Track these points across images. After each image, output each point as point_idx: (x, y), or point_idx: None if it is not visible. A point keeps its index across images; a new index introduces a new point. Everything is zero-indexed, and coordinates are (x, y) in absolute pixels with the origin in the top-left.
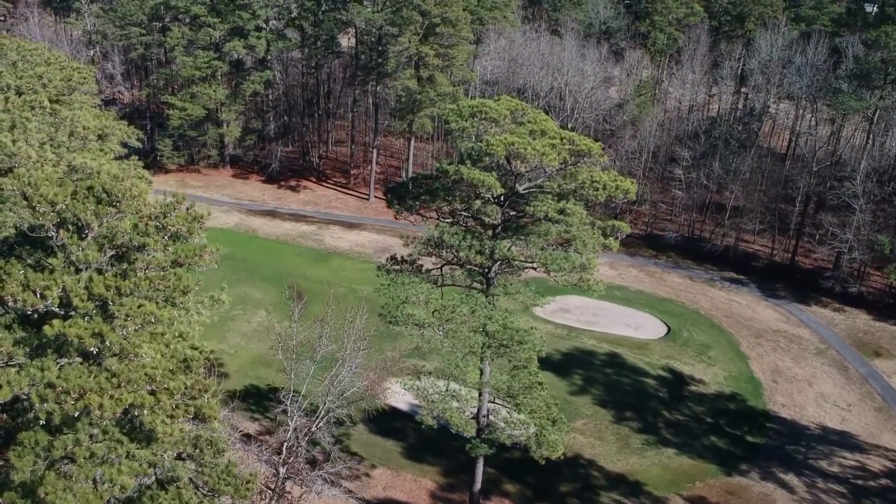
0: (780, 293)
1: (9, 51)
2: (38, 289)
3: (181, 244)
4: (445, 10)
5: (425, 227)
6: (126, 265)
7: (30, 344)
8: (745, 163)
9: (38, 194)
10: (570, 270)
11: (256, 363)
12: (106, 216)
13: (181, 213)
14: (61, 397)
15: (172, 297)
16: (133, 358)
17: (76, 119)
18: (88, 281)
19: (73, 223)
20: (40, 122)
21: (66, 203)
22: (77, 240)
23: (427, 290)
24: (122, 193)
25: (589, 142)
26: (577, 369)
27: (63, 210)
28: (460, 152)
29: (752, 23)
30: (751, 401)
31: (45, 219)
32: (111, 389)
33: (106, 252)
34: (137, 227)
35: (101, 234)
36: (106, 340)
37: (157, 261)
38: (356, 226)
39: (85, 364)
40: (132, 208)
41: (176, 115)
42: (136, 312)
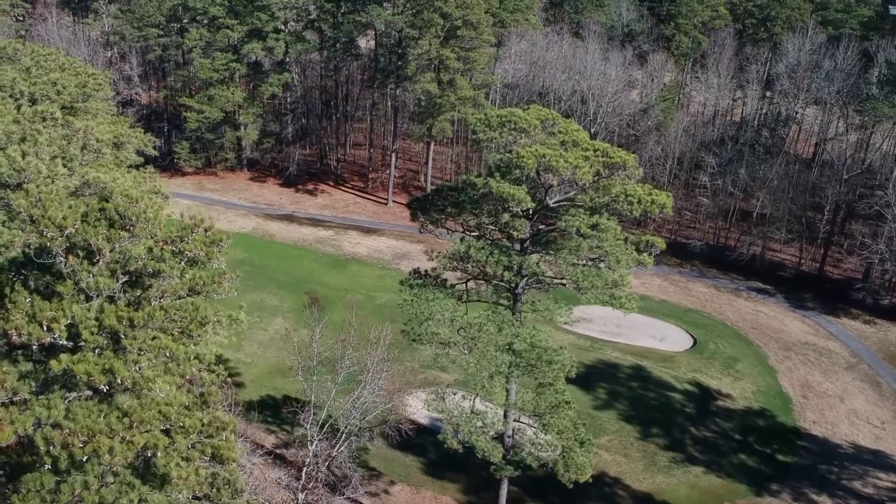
0: (808, 304)
1: (23, 56)
2: (45, 320)
3: (199, 270)
4: (467, 12)
5: (449, 240)
6: (140, 292)
7: (36, 378)
8: (773, 170)
9: (45, 217)
10: (602, 287)
11: (273, 373)
12: (119, 241)
13: (199, 236)
14: (68, 440)
15: (189, 329)
16: (146, 393)
17: (89, 131)
18: (99, 311)
19: (83, 248)
20: (52, 135)
21: (76, 226)
22: (88, 265)
23: (452, 307)
24: (137, 216)
25: (623, 153)
26: (601, 383)
27: (72, 234)
28: (488, 164)
29: (778, 26)
30: (780, 417)
31: (53, 244)
32: (122, 431)
33: (118, 278)
34: (152, 252)
35: (113, 258)
36: (117, 377)
37: (173, 288)
38: (374, 231)
39: (94, 400)
40: (147, 232)
41: (193, 118)
42: (149, 346)
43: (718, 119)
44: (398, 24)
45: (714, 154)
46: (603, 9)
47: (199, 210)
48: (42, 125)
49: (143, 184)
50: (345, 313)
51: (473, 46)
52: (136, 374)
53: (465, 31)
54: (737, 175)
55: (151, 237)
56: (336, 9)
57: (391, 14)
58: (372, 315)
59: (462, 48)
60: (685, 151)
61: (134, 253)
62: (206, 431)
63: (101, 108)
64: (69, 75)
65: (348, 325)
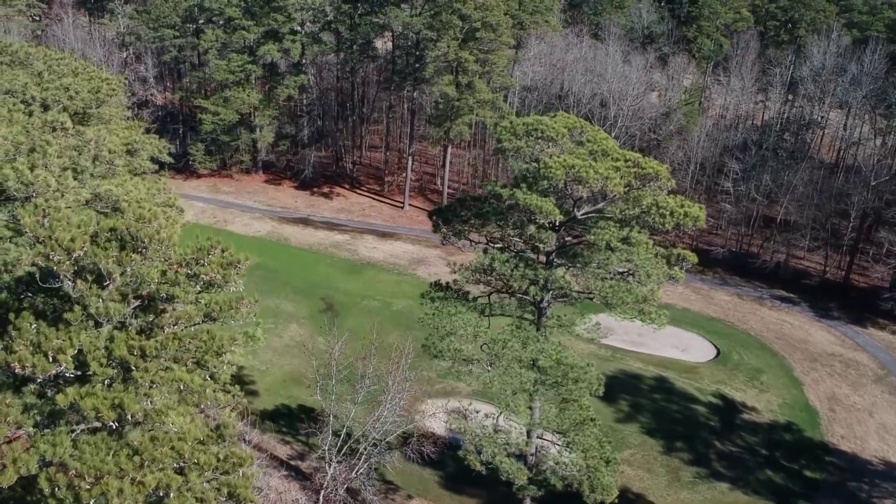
0: (834, 313)
1: (35, 60)
2: (51, 350)
3: (215, 294)
4: (486, 14)
5: (471, 250)
6: (153, 317)
7: (41, 411)
8: (798, 176)
9: (52, 239)
10: (632, 303)
11: (288, 381)
12: (130, 264)
13: (215, 258)
14: (75, 481)
15: (204, 360)
16: (158, 426)
17: (101, 141)
18: (109, 340)
19: (92, 271)
20: (62, 145)
21: (85, 249)
22: (97, 289)
23: (475, 322)
24: (149, 237)
25: (655, 164)
26: (623, 394)
27: (81, 257)
28: (514, 174)
29: (803, 28)
30: (807, 431)
31: (60, 268)
32: (133, 470)
33: (130, 302)
34: (166, 275)
35: (124, 282)
36: (127, 414)
37: (188, 314)
38: (390, 235)
39: (103, 434)
40: (160, 254)
41: (209, 120)
42: (162, 379)
43: (741, 123)
44: (416, 25)
45: (737, 159)
46: (623, 10)
47: (214, 213)
48: (52, 135)
49: (156, 195)
50: (361, 319)
51: (492, 48)
52: (147, 406)
53: (484, 33)
54: (760, 181)
55: (165, 260)
56: (353, 10)
57: (409, 15)
58: (388, 322)
59: (481, 50)
60: (708, 156)
61: (146, 276)
62: (222, 468)
63: (114, 113)
64: (82, 80)
65: (369, 343)
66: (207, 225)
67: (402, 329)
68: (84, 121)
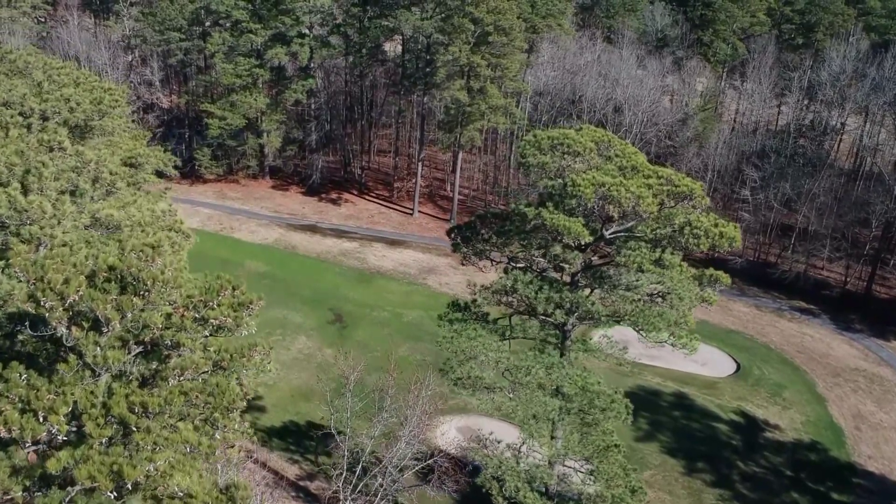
0: (856, 326)
1: (34, 70)
2: (42, 410)
3: (225, 341)
4: (499, 17)
5: (493, 271)
6: (156, 364)
7: (30, 475)
8: (819, 184)
9: (43, 282)
10: (664, 329)
11: (296, 396)
12: (131, 309)
13: (226, 299)
14: None
15: (213, 417)
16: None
17: (101, 162)
18: (107, 395)
19: (88, 317)
20: (59, 167)
21: (80, 293)
22: (94, 336)
23: (497, 347)
24: (152, 278)
25: (689, 181)
26: (642, 411)
27: (76, 302)
28: (539, 191)
29: (821, 32)
30: (833, 451)
31: (53, 315)
32: None
33: (131, 349)
34: (171, 319)
35: (125, 327)
36: (128, 482)
37: (195, 364)
38: (400, 243)
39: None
40: (164, 297)
41: (215, 125)
42: (166, 442)
43: (760, 130)
44: (427, 29)
45: (756, 167)
46: (635, 13)
47: (220, 219)
48: (48, 156)
49: (160, 218)
50: (371, 331)
51: (504, 53)
52: (150, 470)
53: (497, 37)
54: (779, 189)
55: (170, 303)
56: (363, 13)
57: (419, 19)
58: (398, 334)
59: (493, 55)
60: (725, 164)
61: (149, 321)
62: None
63: (117, 125)
64: (83, 90)
65: (388, 373)
66: (214, 232)
67: (413, 341)
68: (85, 133)
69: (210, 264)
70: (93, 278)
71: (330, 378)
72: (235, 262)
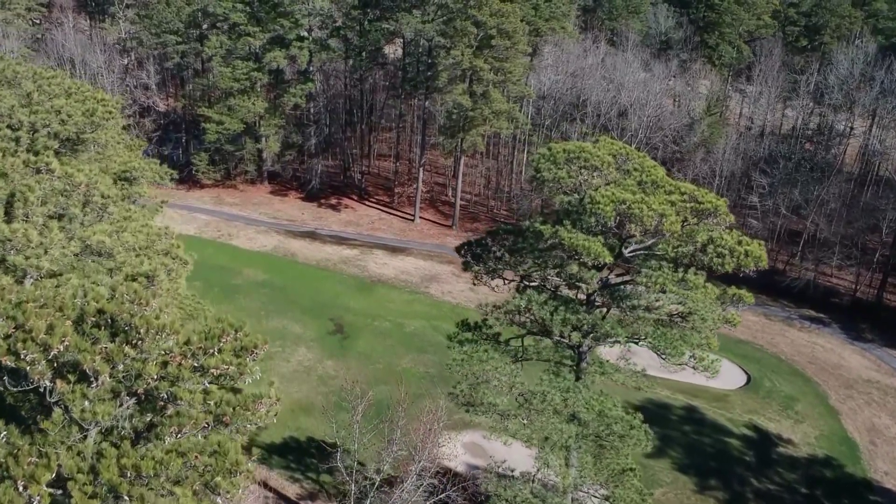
0: (867, 335)
1: (23, 79)
2: (21, 478)
3: (227, 393)
4: (502, 20)
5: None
6: (150, 416)
7: None
8: (829, 190)
9: (24, 333)
10: (688, 352)
11: (297, 410)
12: (122, 361)
13: (228, 345)
14: None
15: (214, 482)
16: None
17: (92, 185)
18: (96, 458)
19: (75, 368)
20: (46, 190)
21: (66, 343)
22: (82, 388)
23: (511, 371)
24: (146, 325)
25: (713, 197)
26: (652, 426)
27: (61, 353)
28: (555, 208)
29: (828, 35)
30: (848, 467)
31: (34, 370)
32: None
33: (123, 401)
34: (167, 369)
35: (116, 378)
36: None
37: (194, 419)
38: (401, 250)
39: None
40: (159, 346)
41: (212, 129)
42: None
43: (767, 134)
44: (428, 32)
45: (764, 173)
46: (638, 15)
47: (217, 226)
48: (35, 179)
49: (156, 241)
50: (372, 342)
51: (508, 56)
52: None
53: (500, 41)
54: (790, 196)
55: (165, 352)
56: (363, 15)
57: (421, 22)
58: (400, 345)
59: (496, 58)
60: (734, 170)
61: (143, 371)
62: None
63: (111, 138)
64: (75, 101)
65: (397, 402)
66: (211, 239)
67: (416, 353)
68: (77, 146)
69: (208, 272)
70: (80, 323)
71: (331, 391)
72: (234, 270)
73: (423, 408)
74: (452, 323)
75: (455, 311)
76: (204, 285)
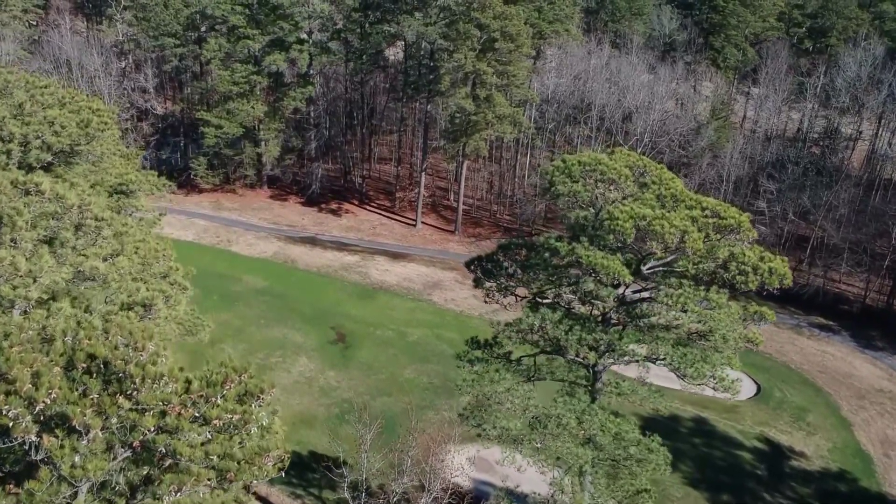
0: (878, 343)
1: (15, 89)
2: None
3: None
4: (505, 23)
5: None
6: (147, 469)
7: None
8: (838, 195)
9: (7, 384)
10: (709, 375)
11: (298, 424)
12: (116, 414)
13: (232, 392)
14: None
15: None
16: None
17: (85, 206)
18: None
19: (63, 421)
20: (35, 213)
21: (53, 396)
22: (72, 442)
23: (524, 393)
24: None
25: (735, 212)
26: (662, 439)
27: (48, 406)
28: (570, 224)
29: (834, 37)
30: (863, 481)
31: (18, 428)
32: None
33: (116, 454)
34: (165, 419)
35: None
36: None
37: (195, 476)
38: (403, 256)
39: None
40: (156, 396)
41: (211, 133)
42: None
43: (774, 139)
44: (431, 35)
45: (772, 178)
46: (642, 17)
47: (216, 231)
48: (24, 201)
49: (154, 263)
50: (375, 351)
51: (511, 60)
52: None
53: (503, 44)
54: (798, 201)
55: (163, 402)
56: (364, 18)
57: (423, 24)
58: (403, 354)
59: (499, 62)
60: (741, 175)
61: (138, 422)
62: None
63: (106, 150)
64: (69, 112)
65: (407, 433)
66: (210, 245)
67: (419, 362)
68: (71, 159)
69: (207, 280)
70: (70, 369)
71: (333, 403)
72: (233, 277)
73: (428, 420)
74: (456, 332)
75: (458, 319)
76: (203, 293)
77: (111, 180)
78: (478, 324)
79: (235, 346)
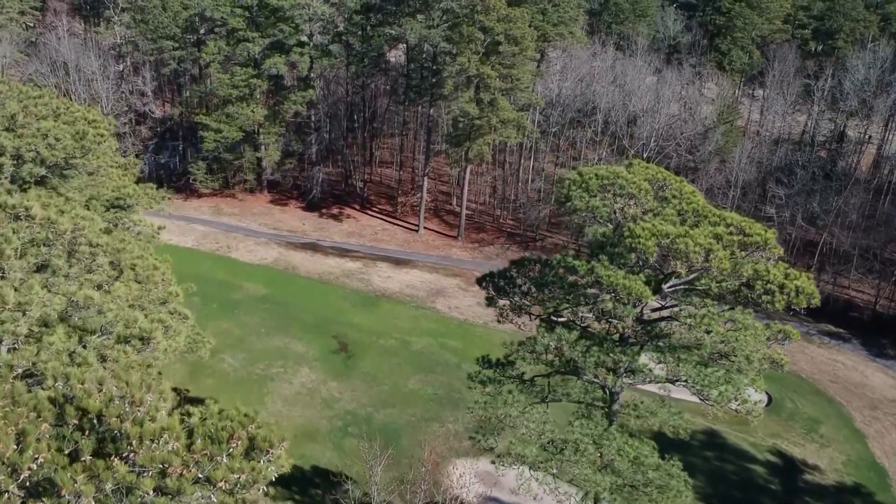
0: (889, 352)
1: (7, 99)
2: None
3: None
4: (510, 26)
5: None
6: None
7: None
8: (848, 201)
9: None
10: (734, 399)
11: (300, 436)
12: (110, 479)
13: (238, 449)
14: None
15: None
16: None
17: (79, 231)
18: None
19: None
20: (25, 240)
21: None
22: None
23: (540, 416)
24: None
25: (760, 228)
26: (672, 452)
27: (35, 472)
28: (588, 240)
29: (842, 39)
30: (878, 495)
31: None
32: None
33: None
34: (165, 481)
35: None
36: None
37: None
38: (405, 263)
39: None
40: (156, 458)
41: (210, 137)
42: None
43: (782, 143)
44: (433, 38)
45: (781, 183)
46: (646, 19)
47: (216, 237)
48: (12, 227)
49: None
50: (378, 361)
51: (515, 63)
52: None
53: (507, 47)
54: (808, 207)
55: (163, 463)
56: (365, 21)
57: (425, 27)
58: (407, 364)
59: (503, 65)
60: (749, 180)
61: (135, 484)
62: None
63: (102, 163)
64: (63, 123)
65: (417, 462)
66: (210, 252)
67: (423, 372)
68: (66, 172)
69: (206, 287)
70: (61, 423)
71: (335, 415)
72: (233, 285)
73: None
74: (461, 340)
75: (463, 327)
76: (202, 301)
77: (108, 194)
78: (482, 332)
79: (235, 355)
